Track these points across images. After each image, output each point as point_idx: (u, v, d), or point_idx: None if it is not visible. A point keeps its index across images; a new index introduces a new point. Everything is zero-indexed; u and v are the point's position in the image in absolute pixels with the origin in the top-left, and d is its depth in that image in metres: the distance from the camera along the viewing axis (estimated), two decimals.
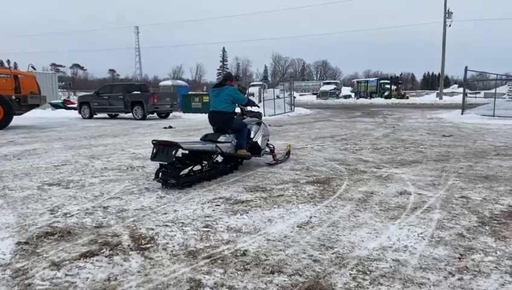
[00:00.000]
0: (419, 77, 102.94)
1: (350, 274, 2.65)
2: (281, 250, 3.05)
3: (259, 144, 6.40)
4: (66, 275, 2.67)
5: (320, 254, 2.99)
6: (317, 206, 4.21)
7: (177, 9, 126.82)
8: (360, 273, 2.67)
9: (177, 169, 4.98)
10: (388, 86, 42.48)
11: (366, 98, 41.59)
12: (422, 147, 8.44)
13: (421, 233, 3.40)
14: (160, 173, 4.98)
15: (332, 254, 2.99)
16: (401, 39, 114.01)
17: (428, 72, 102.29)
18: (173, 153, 4.76)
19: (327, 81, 62.01)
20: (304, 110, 23.40)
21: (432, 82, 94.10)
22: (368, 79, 49.18)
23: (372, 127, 13.13)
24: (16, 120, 14.37)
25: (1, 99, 13.44)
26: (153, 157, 4.93)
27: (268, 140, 6.87)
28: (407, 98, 41.83)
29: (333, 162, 6.72)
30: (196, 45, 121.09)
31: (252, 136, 6.34)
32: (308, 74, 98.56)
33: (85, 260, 2.90)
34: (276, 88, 22.95)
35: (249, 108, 6.78)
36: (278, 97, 20.93)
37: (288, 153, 7.18)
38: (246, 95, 25.47)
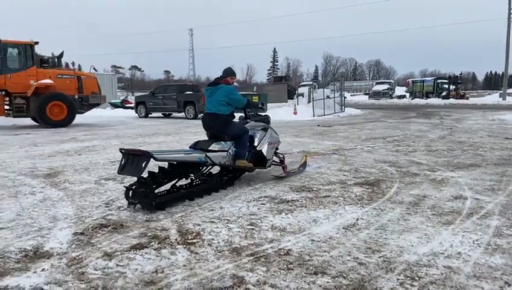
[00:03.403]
0: (480, 77, 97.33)
1: (397, 279, 2.56)
2: (325, 251, 3.01)
3: (265, 153, 5.37)
4: (117, 265, 2.80)
5: (366, 257, 2.91)
6: (364, 208, 4.10)
7: (230, 10, 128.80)
8: (408, 278, 2.57)
9: (148, 186, 4.10)
10: (446, 86, 40.42)
11: (422, 98, 39.86)
12: (482, 150, 7.96)
13: (476, 240, 3.21)
14: (130, 192, 4.11)
15: (379, 257, 2.90)
16: (462, 37, 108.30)
17: (490, 72, 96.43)
18: (143, 165, 3.92)
19: (380, 80, 60.25)
20: (354, 110, 22.89)
21: (494, 82, 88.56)
22: (424, 78, 47.16)
23: (428, 129, 12.57)
24: (78, 118, 15.30)
25: (65, 98, 14.38)
26: (121, 170, 4.06)
27: (277, 148, 5.85)
28: (467, 98, 39.59)
29: (384, 164, 6.52)
30: (247, 45, 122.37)
31: (255, 144, 5.34)
32: (360, 73, 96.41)
33: (135, 251, 3.02)
34: (326, 88, 22.62)
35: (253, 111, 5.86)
36: (328, 97, 20.62)
37: (304, 165, 6.13)
38: (295, 96, 25.18)
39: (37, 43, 14.42)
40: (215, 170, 5.12)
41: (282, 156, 5.94)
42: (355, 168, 6.16)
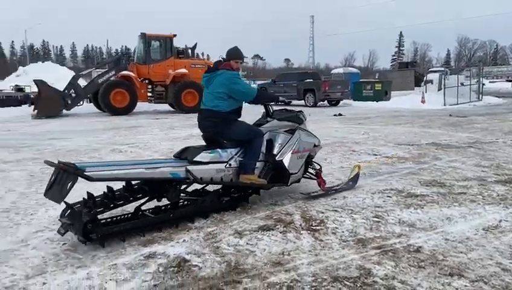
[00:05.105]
0: None
1: None
2: (461, 252, 2.78)
3: (286, 165, 3.89)
4: (247, 243, 2.99)
5: (511, 263, 2.60)
6: (509, 209, 3.65)
7: None
8: None
9: (78, 213, 3.01)
10: None
11: None
12: None
13: None
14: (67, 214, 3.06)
15: None
16: None
17: None
18: (68, 186, 2.79)
19: None
20: (494, 99, 20.30)
21: None
22: None
23: None
24: None
25: (198, 86, 15.63)
26: (46, 191, 2.99)
27: (311, 156, 4.29)
28: None
29: None
30: (370, 30, 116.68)
31: (275, 151, 3.91)
32: (502, 57, 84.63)
33: (262, 232, 3.19)
34: (460, 74, 20.50)
35: (271, 105, 4.21)
36: (462, 84, 18.70)
37: (355, 179, 4.53)
38: (423, 83, 23.26)
39: (175, 35, 15.94)
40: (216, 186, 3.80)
41: (319, 167, 4.41)
42: (497, 164, 5.50)
